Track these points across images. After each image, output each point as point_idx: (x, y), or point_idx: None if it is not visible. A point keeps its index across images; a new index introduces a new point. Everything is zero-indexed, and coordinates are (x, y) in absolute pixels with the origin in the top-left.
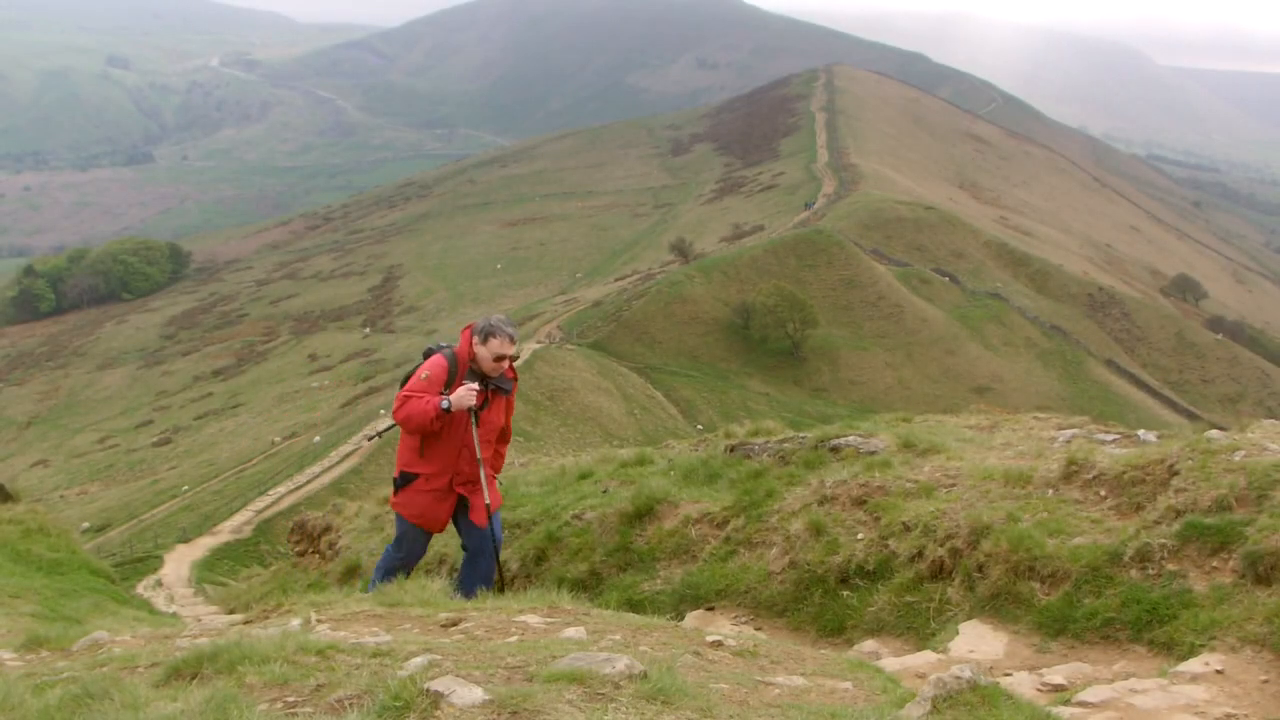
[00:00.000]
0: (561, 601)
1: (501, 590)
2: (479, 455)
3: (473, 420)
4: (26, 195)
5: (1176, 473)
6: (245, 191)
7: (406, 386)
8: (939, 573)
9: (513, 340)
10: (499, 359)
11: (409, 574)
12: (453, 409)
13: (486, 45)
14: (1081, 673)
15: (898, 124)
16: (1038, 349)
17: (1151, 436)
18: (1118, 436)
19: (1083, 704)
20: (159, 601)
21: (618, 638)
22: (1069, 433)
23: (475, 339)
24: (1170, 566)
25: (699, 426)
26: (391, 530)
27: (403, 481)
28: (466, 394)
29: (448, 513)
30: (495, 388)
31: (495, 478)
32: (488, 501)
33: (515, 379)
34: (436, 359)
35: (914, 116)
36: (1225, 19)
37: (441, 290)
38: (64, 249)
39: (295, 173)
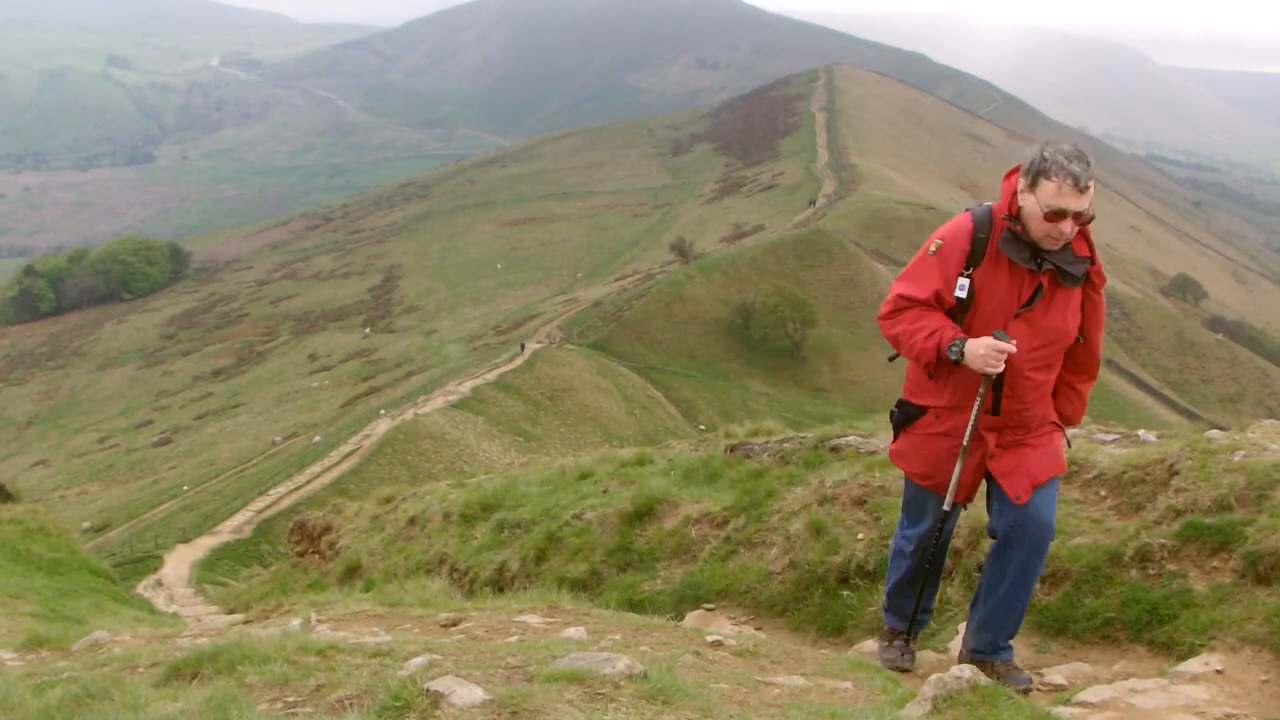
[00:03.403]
0: (561, 601)
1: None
2: (970, 430)
3: (985, 380)
4: (26, 195)
5: (1176, 473)
6: (245, 191)
7: (906, 269)
8: None
9: (1078, 186)
10: (1055, 216)
11: (935, 565)
12: (964, 363)
13: (486, 45)
14: (1081, 673)
15: (898, 124)
16: None
17: (1151, 436)
18: (1118, 436)
19: (1083, 704)
20: (159, 601)
21: (618, 638)
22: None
23: (1020, 183)
24: (1170, 566)
25: (700, 426)
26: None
27: (902, 417)
28: (990, 355)
29: (974, 474)
30: (1058, 269)
31: (1059, 430)
32: (951, 502)
33: (1095, 259)
34: (958, 220)
35: (914, 116)
36: (1225, 19)
37: (441, 290)
38: (64, 249)
39: (295, 173)
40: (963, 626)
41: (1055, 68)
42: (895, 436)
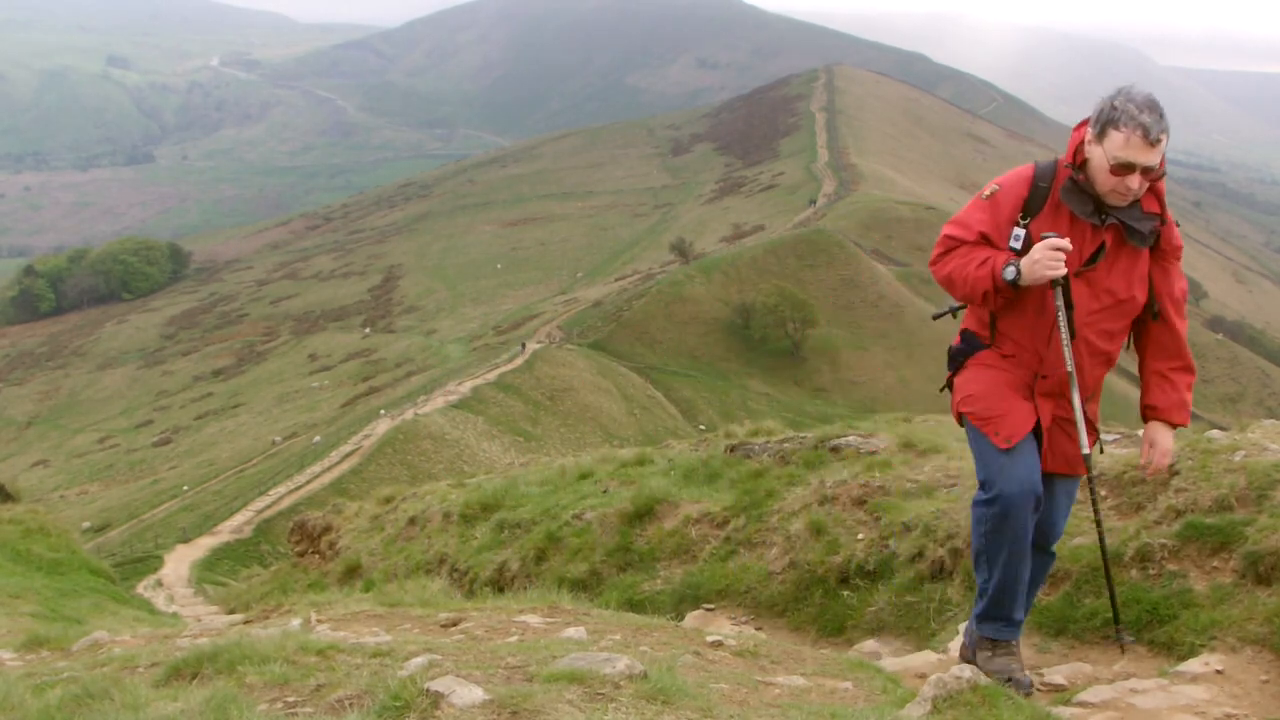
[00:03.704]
0: (561, 601)
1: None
2: (1068, 353)
3: (1059, 291)
4: (26, 195)
5: (1177, 473)
6: (245, 191)
7: (956, 216)
8: (939, 573)
9: (1149, 138)
10: (1122, 170)
11: (1021, 537)
12: (1023, 281)
13: (486, 45)
14: (1081, 673)
15: (898, 124)
16: None
17: None
18: (1118, 436)
19: (1083, 704)
20: (159, 601)
21: (618, 638)
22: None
23: (1088, 133)
24: (1170, 566)
25: (700, 426)
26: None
27: (965, 347)
28: (1046, 256)
29: (1028, 416)
30: (1123, 225)
31: (1096, 434)
32: (1086, 450)
33: (1165, 218)
34: (1019, 168)
35: (914, 116)
36: (1225, 19)
37: (442, 290)
38: (64, 249)
39: (295, 173)
40: (963, 626)
41: (1055, 68)
42: (952, 371)
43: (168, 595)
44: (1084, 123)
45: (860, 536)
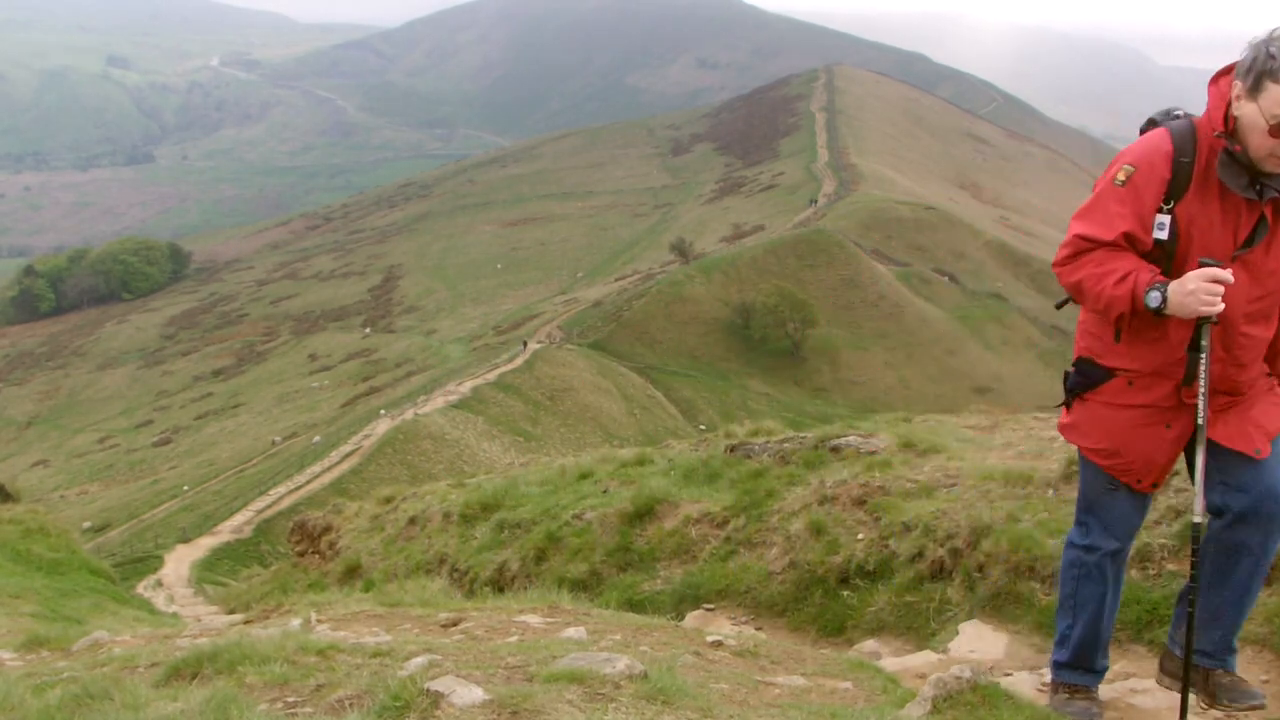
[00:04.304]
0: (561, 601)
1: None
2: (1202, 404)
3: (1205, 329)
4: (26, 195)
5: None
6: (245, 191)
7: (1087, 207)
8: (939, 573)
9: None
10: None
11: (1115, 589)
12: (1169, 311)
13: (486, 45)
14: None
15: (898, 124)
16: (1038, 349)
17: None
18: None
19: None
20: (159, 601)
21: (618, 638)
22: None
23: (1236, 87)
24: (1170, 566)
25: (700, 426)
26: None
27: (1082, 380)
28: (1201, 289)
29: (1171, 450)
30: None
31: (1276, 381)
32: (1198, 517)
33: None
34: (1152, 140)
35: (914, 116)
36: (1225, 19)
37: (442, 290)
38: (64, 249)
39: (295, 173)
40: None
41: (1055, 68)
42: (1068, 403)
43: (168, 595)
44: (1224, 72)
45: (860, 536)
